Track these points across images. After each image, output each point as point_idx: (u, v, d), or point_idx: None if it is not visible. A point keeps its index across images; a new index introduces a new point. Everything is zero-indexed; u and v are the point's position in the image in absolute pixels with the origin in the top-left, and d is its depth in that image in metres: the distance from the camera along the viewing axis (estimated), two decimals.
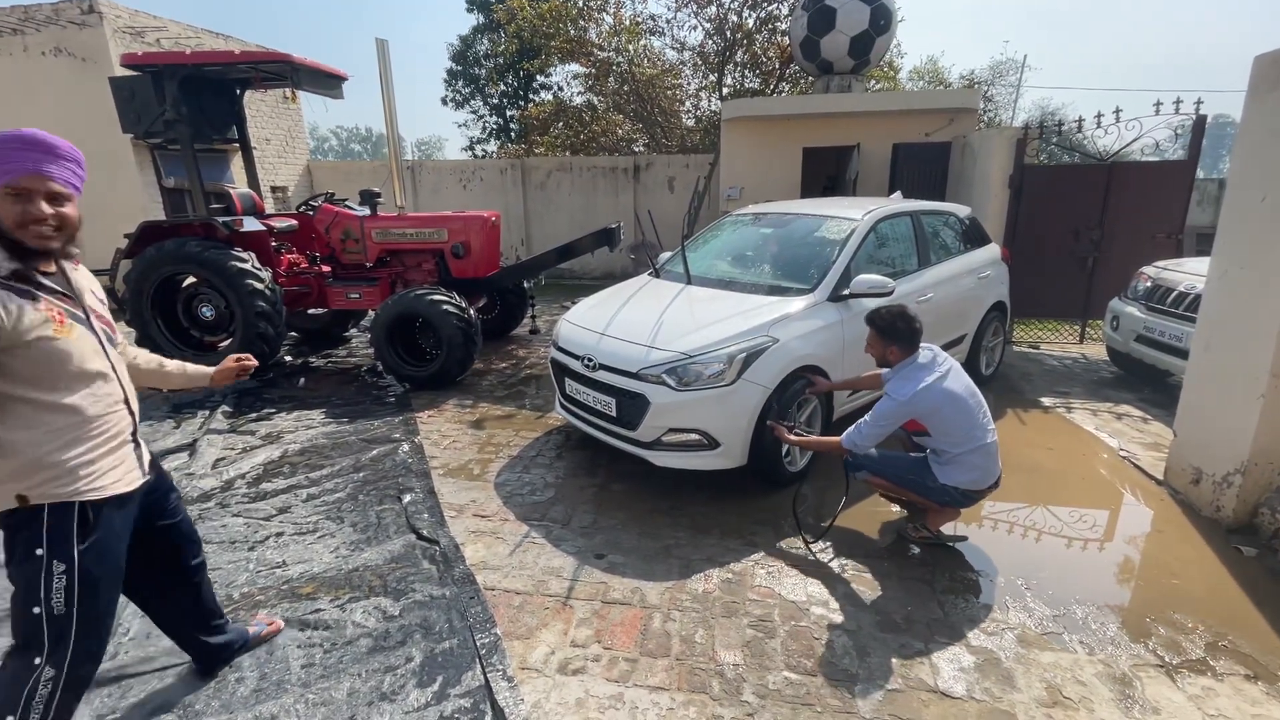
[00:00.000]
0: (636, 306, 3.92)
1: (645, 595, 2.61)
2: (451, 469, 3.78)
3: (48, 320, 1.48)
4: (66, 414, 1.54)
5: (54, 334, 1.49)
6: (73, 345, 1.54)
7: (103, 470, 1.61)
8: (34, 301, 1.48)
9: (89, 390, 1.58)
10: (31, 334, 1.45)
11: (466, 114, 24.65)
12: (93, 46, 7.78)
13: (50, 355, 1.50)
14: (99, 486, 1.60)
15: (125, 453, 1.69)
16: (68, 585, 1.55)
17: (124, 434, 1.68)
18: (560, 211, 11.32)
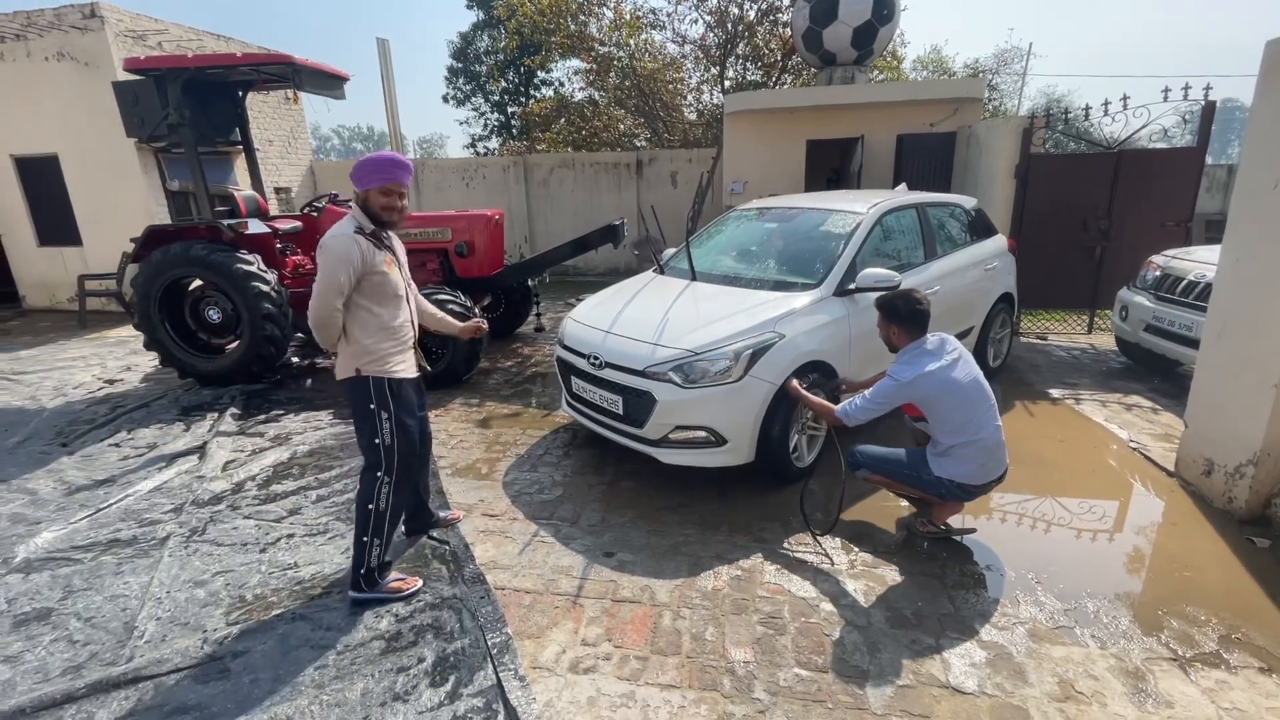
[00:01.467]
0: (642, 304, 3.91)
1: (655, 593, 2.61)
2: (459, 468, 3.79)
3: (384, 262, 2.44)
4: (384, 321, 2.46)
5: (385, 270, 2.44)
6: (392, 279, 2.47)
7: (398, 362, 2.53)
8: (380, 250, 2.44)
9: (396, 309, 2.51)
10: (377, 268, 2.40)
11: (468, 111, 24.65)
12: (95, 50, 7.80)
13: (383, 283, 2.44)
14: (397, 370, 2.52)
15: (410, 354, 2.63)
16: (391, 426, 2.49)
17: (409, 340, 2.61)
18: (563, 208, 11.30)
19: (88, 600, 2.65)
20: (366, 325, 2.44)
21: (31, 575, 2.83)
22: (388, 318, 2.47)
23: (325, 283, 2.34)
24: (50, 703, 2.11)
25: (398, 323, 2.51)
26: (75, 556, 2.97)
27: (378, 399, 2.46)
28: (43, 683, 2.21)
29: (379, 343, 2.46)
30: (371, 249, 2.39)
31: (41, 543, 3.08)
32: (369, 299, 2.42)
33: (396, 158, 2.43)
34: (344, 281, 2.34)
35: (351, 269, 2.33)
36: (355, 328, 2.44)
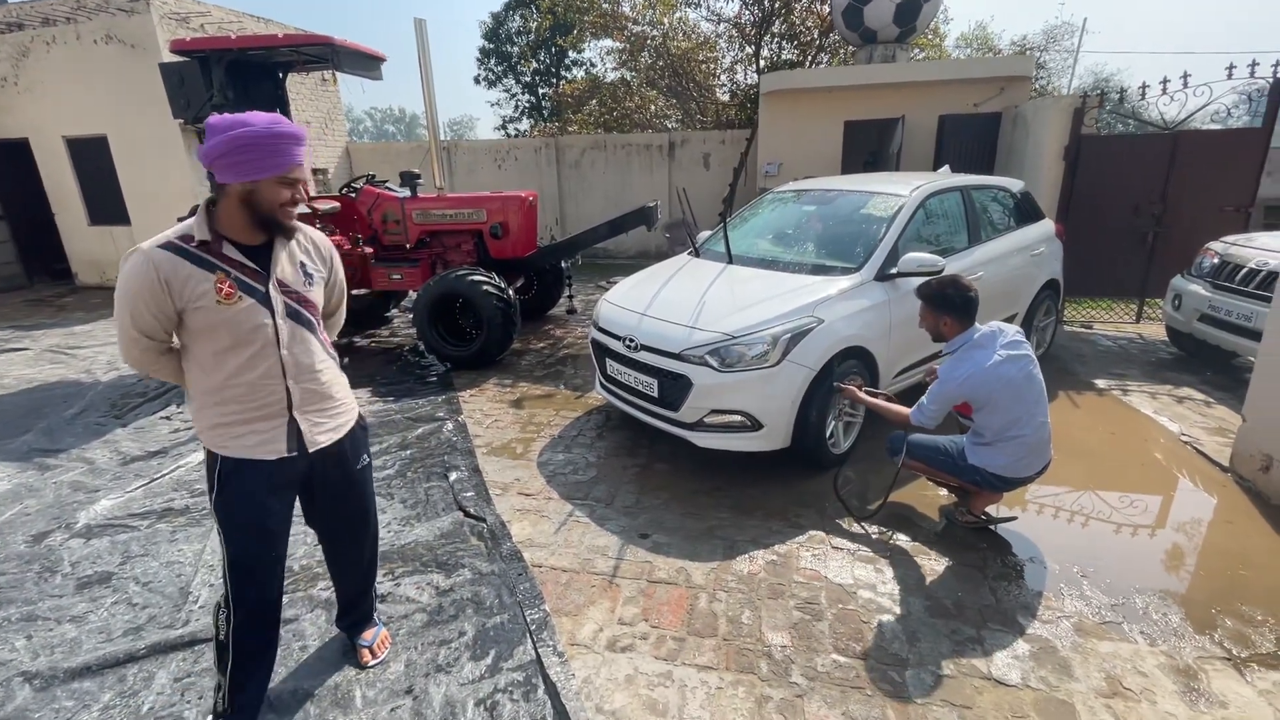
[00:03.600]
0: (677, 286, 3.88)
1: (690, 575, 2.62)
2: (495, 448, 3.84)
3: (211, 291, 1.61)
4: (219, 378, 1.68)
5: (216, 303, 1.62)
6: (231, 317, 1.64)
7: (240, 434, 1.72)
8: (209, 272, 1.62)
9: (241, 361, 1.68)
10: (196, 301, 1.60)
11: (499, 92, 24.63)
12: (141, 33, 7.97)
13: (212, 322, 1.63)
14: (233, 447, 1.72)
15: (271, 425, 1.75)
16: (217, 523, 1.78)
17: (273, 408, 1.74)
18: (594, 190, 11.27)
19: (145, 565, 2.76)
20: (197, 376, 1.70)
21: (92, 540, 2.96)
22: (229, 373, 1.67)
23: (116, 317, 1.65)
24: (114, 662, 2.21)
25: (247, 380, 1.68)
26: (132, 524, 3.09)
27: (208, 481, 1.76)
28: (106, 642, 2.32)
29: (214, 406, 1.70)
30: (189, 270, 1.58)
31: (100, 510, 3.22)
32: (198, 343, 1.66)
33: (280, 127, 1.60)
34: (140, 319, 1.61)
35: (150, 304, 1.58)
36: (189, 378, 1.73)
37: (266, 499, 1.78)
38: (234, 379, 1.68)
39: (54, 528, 3.06)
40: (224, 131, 1.56)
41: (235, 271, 1.65)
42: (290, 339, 1.74)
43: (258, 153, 1.58)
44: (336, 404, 1.90)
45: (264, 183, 1.61)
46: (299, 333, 1.77)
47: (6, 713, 2.02)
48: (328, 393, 1.86)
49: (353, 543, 2.13)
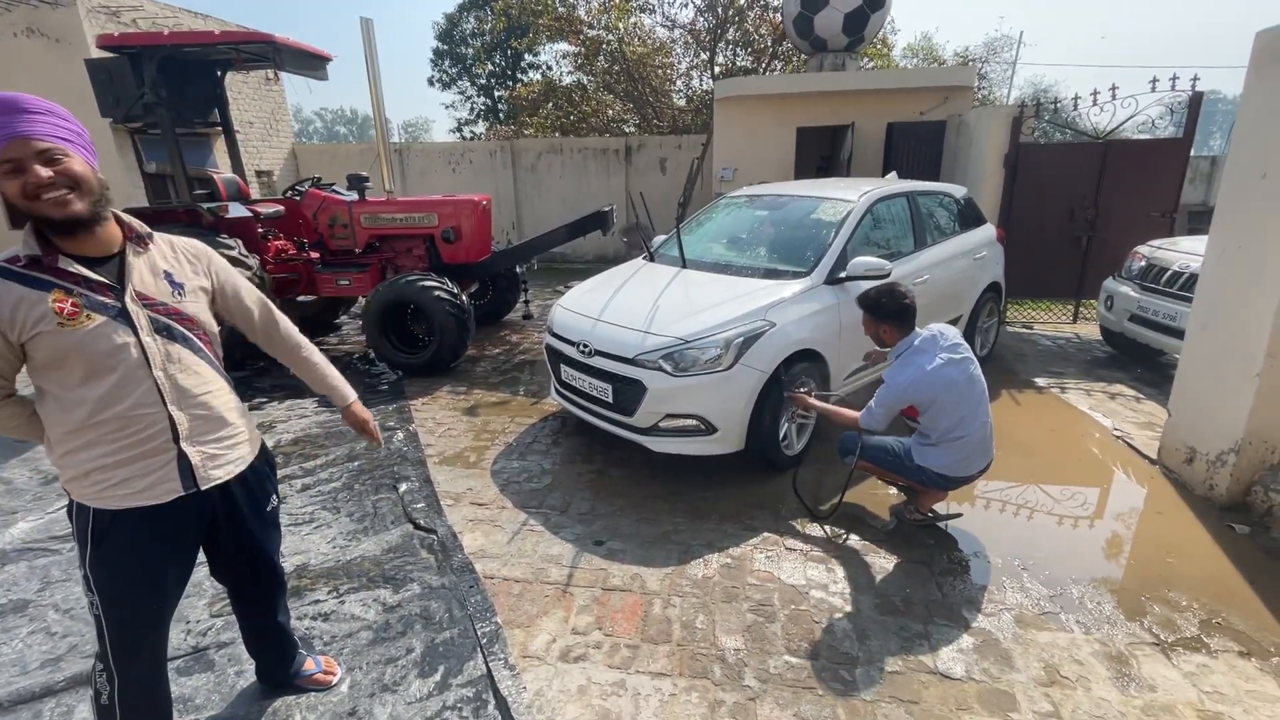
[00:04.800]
0: (631, 291, 3.87)
1: (645, 582, 2.61)
2: (447, 457, 3.76)
3: (50, 313, 1.35)
4: (80, 413, 1.42)
5: (59, 326, 1.36)
6: (81, 339, 1.38)
7: (115, 479, 1.46)
8: (44, 291, 1.36)
9: (105, 389, 1.42)
10: (34, 327, 1.35)
11: (454, 95, 24.29)
12: (67, 27, 7.55)
13: (59, 349, 1.37)
14: (109, 495, 1.47)
15: (154, 463, 1.49)
16: (88, 586, 1.52)
17: (153, 440, 1.49)
18: (551, 194, 11.19)
19: (66, 591, 2.59)
20: (54, 420, 1.45)
21: (7, 566, 2.77)
22: (93, 407, 1.42)
23: None
24: (29, 696, 2.07)
25: (115, 412, 1.44)
26: (53, 547, 2.90)
27: (78, 540, 1.51)
28: (20, 676, 2.16)
29: (79, 450, 1.45)
30: (20, 295, 1.35)
31: (17, 533, 3.01)
32: (47, 379, 1.43)
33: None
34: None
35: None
36: (46, 424, 1.48)
37: (156, 552, 1.54)
38: (98, 414, 1.42)
39: None
40: None
41: (78, 288, 1.39)
42: (165, 358, 1.49)
43: None
44: (234, 433, 1.65)
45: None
46: (175, 351, 1.52)
47: None
48: (222, 419, 1.61)
49: (269, 590, 1.92)
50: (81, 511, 1.49)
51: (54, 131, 1.36)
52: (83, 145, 1.40)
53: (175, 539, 1.58)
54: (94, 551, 1.49)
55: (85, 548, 1.50)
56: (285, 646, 2.05)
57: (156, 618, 1.61)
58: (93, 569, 1.50)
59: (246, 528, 1.73)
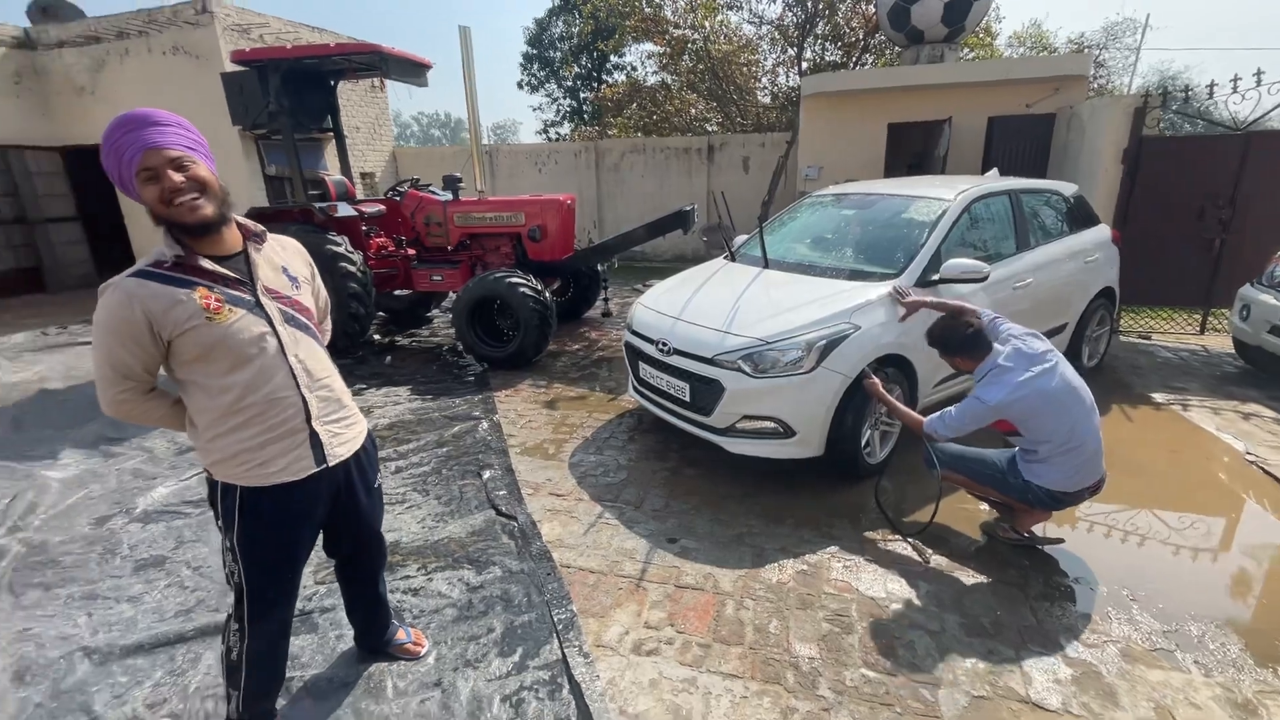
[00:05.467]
0: (712, 291, 3.87)
1: (718, 582, 2.60)
2: (528, 448, 3.90)
3: (198, 309, 1.48)
4: (229, 399, 1.55)
5: (208, 321, 1.49)
6: (227, 331, 1.51)
7: (261, 459, 1.60)
8: (190, 290, 1.49)
9: (249, 376, 1.55)
10: (186, 324, 1.47)
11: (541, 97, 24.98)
12: (206, 44, 8.38)
13: (207, 341, 1.50)
14: (255, 475, 1.60)
15: (292, 442, 1.63)
16: (234, 558, 1.67)
17: (290, 422, 1.62)
18: (632, 194, 11.31)
19: (195, 551, 2.90)
20: (202, 409, 1.57)
21: (149, 525, 3.12)
22: (237, 394, 1.55)
23: (95, 363, 1.53)
24: (165, 641, 2.33)
25: (258, 397, 1.56)
26: (185, 511, 3.25)
27: (224, 515, 1.65)
28: (159, 622, 2.44)
29: (227, 434, 1.57)
30: (170, 293, 1.47)
31: (157, 496, 3.39)
32: (195, 371, 1.54)
33: (129, 115, 1.45)
34: (124, 363, 1.50)
35: (133, 341, 1.47)
36: (192, 413, 1.60)
37: (293, 526, 1.70)
38: (244, 399, 1.55)
39: (115, 512, 3.24)
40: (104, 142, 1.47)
41: (217, 285, 1.53)
42: (294, 344, 1.64)
43: (109, 161, 1.47)
44: (350, 414, 1.81)
45: (137, 188, 1.47)
46: (302, 339, 1.67)
47: (67, 685, 2.15)
48: (341, 401, 1.77)
49: (373, 561, 2.07)
50: (228, 491, 1.63)
51: (181, 141, 1.49)
52: (205, 153, 1.55)
53: (309, 513, 1.73)
54: (241, 526, 1.64)
55: (233, 523, 1.64)
56: (382, 615, 2.21)
57: (290, 585, 1.78)
58: (239, 542, 1.65)
59: (358, 502, 1.87)
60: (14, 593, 2.63)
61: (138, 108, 1.49)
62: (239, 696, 1.80)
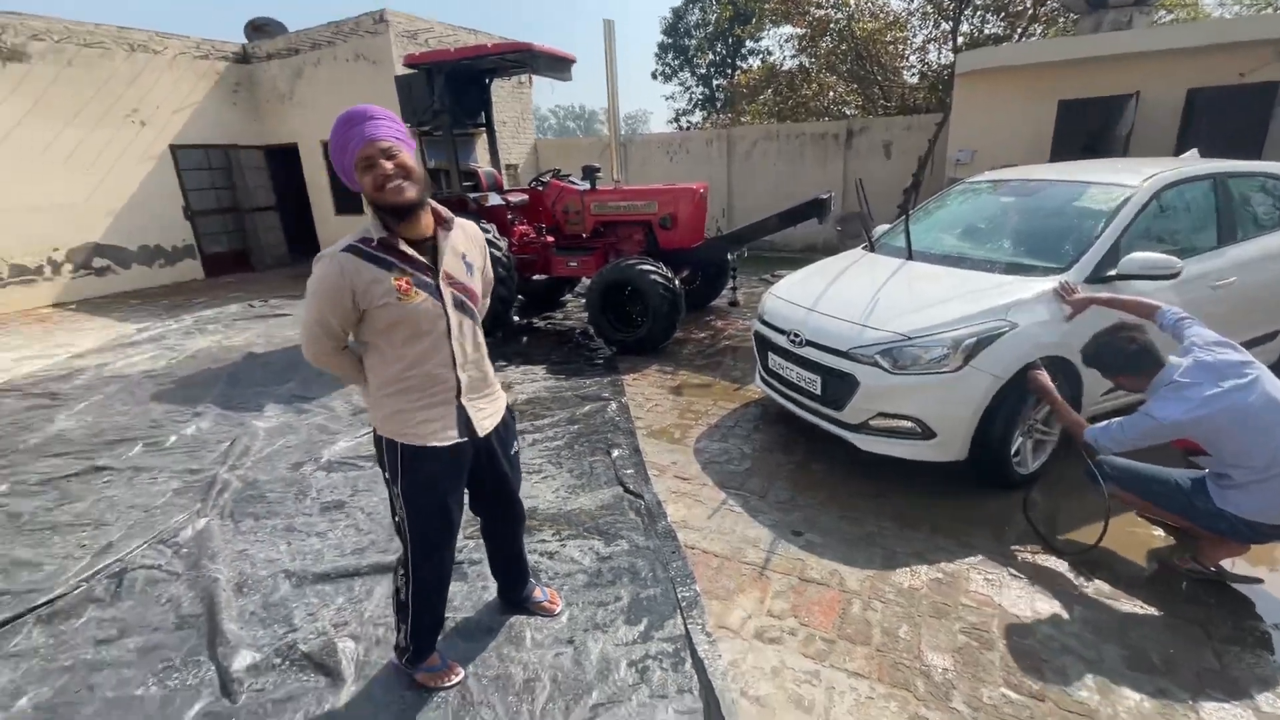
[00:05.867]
0: (849, 282, 3.74)
1: (844, 579, 2.55)
2: (654, 430, 4.02)
3: (393, 290, 1.69)
4: (398, 367, 1.76)
5: (398, 300, 1.69)
6: (411, 311, 1.71)
7: (418, 421, 1.80)
8: (388, 271, 1.69)
9: (419, 350, 1.76)
10: (380, 300, 1.68)
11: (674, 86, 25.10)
12: (381, 50, 9.35)
13: (393, 317, 1.70)
14: (412, 435, 1.81)
15: (443, 411, 1.83)
16: (400, 505, 1.89)
17: (444, 394, 1.83)
18: (763, 182, 11.10)
19: (367, 499, 3.32)
20: (377, 369, 1.80)
21: (332, 473, 3.62)
22: (408, 364, 1.77)
23: (304, 318, 1.77)
24: (346, 573, 2.71)
25: (423, 370, 1.78)
26: (359, 464, 3.72)
27: (389, 467, 1.86)
28: (339, 556, 2.84)
29: (394, 395, 1.80)
30: (372, 271, 1.68)
31: (338, 449, 3.91)
32: (379, 338, 1.76)
33: (351, 111, 1.66)
34: (329, 322, 1.72)
35: (337, 305, 1.68)
36: (369, 371, 1.83)
37: (445, 483, 1.89)
38: (412, 369, 1.76)
39: (306, 460, 3.79)
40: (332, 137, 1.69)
41: (410, 268, 1.72)
42: (459, 329, 1.82)
43: (337, 153, 1.67)
44: (493, 390, 2.00)
45: (356, 175, 1.66)
46: (465, 322, 1.85)
47: (273, 600, 2.57)
48: (487, 379, 1.96)
49: (512, 523, 2.27)
50: (391, 446, 1.84)
51: (390, 132, 1.67)
52: (408, 143, 1.72)
53: (456, 474, 1.93)
54: (403, 477, 1.85)
55: (396, 474, 1.85)
56: (521, 572, 2.41)
57: (446, 533, 1.97)
58: (404, 490, 1.86)
59: (499, 468, 2.06)
60: (234, 519, 3.18)
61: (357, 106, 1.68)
62: (407, 629, 2.04)
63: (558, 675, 2.14)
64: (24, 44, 8.35)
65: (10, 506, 3.39)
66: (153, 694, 2.14)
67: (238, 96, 10.75)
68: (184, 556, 2.88)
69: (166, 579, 2.73)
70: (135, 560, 2.85)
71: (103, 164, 9.22)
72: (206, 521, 3.14)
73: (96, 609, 2.56)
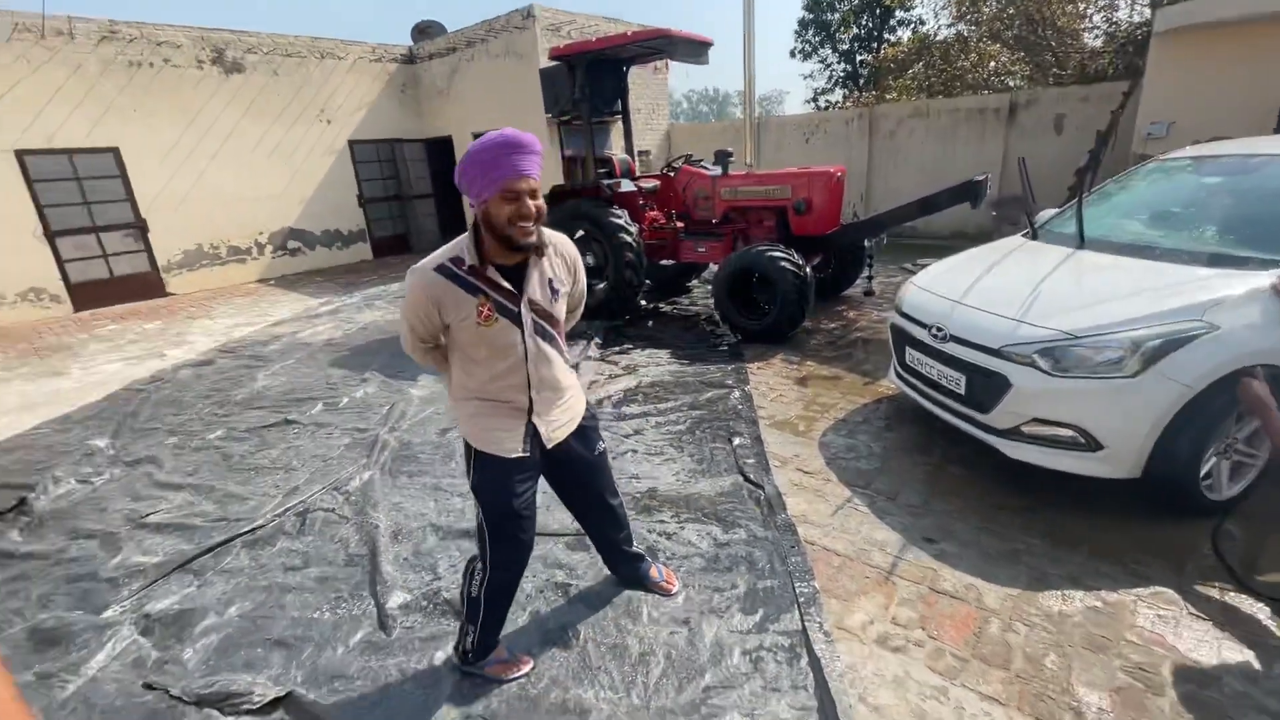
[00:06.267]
0: (1005, 272, 3.40)
1: (982, 595, 2.36)
2: (777, 421, 3.94)
3: (473, 315, 1.74)
4: (477, 379, 1.85)
5: (477, 325, 1.75)
6: (489, 336, 1.77)
7: (487, 431, 1.88)
8: (473, 296, 1.73)
9: (494, 370, 1.82)
10: (461, 321, 1.75)
11: (814, 64, 24.01)
12: (527, 44, 9.84)
13: (473, 338, 1.78)
14: (483, 440, 1.88)
15: (512, 425, 1.89)
16: (476, 501, 1.95)
17: (516, 412, 1.88)
18: (908, 163, 10.32)
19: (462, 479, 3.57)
20: (459, 372, 1.90)
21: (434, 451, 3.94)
22: (485, 376, 1.84)
23: (402, 320, 1.87)
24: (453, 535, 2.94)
25: (499, 386, 1.84)
26: None
27: (465, 465, 1.96)
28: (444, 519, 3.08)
29: (469, 400, 1.89)
30: (456, 295, 1.73)
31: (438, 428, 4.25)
32: (461, 348, 1.83)
33: (509, 138, 1.64)
34: (418, 326, 1.81)
35: (424, 317, 1.77)
36: (452, 370, 1.93)
37: (514, 486, 1.91)
38: (487, 384, 1.84)
39: (450, 427, 4.16)
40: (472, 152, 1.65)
41: (494, 295, 1.75)
42: (536, 355, 1.85)
43: (480, 169, 1.63)
44: (568, 398, 2.00)
45: (491, 201, 1.65)
46: (543, 348, 1.87)
47: (422, 549, 2.87)
48: (561, 395, 1.97)
49: (603, 515, 2.30)
50: (467, 446, 1.94)
51: (538, 169, 1.69)
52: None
53: (523, 481, 1.95)
54: (476, 476, 1.93)
55: (470, 470, 1.94)
56: (630, 560, 2.47)
57: (520, 533, 1.98)
58: (476, 492, 1.95)
59: (580, 468, 2.10)
60: (392, 475, 3.57)
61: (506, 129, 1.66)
62: (475, 631, 2.05)
63: (672, 653, 2.19)
64: (241, 57, 9.79)
65: (225, 449, 4.07)
66: (326, 619, 2.48)
67: (404, 95, 11.85)
68: (352, 503, 3.29)
69: (339, 521, 3.15)
70: (315, 502, 3.31)
71: (297, 159, 10.62)
72: (370, 475, 3.56)
73: (286, 540, 3.02)
